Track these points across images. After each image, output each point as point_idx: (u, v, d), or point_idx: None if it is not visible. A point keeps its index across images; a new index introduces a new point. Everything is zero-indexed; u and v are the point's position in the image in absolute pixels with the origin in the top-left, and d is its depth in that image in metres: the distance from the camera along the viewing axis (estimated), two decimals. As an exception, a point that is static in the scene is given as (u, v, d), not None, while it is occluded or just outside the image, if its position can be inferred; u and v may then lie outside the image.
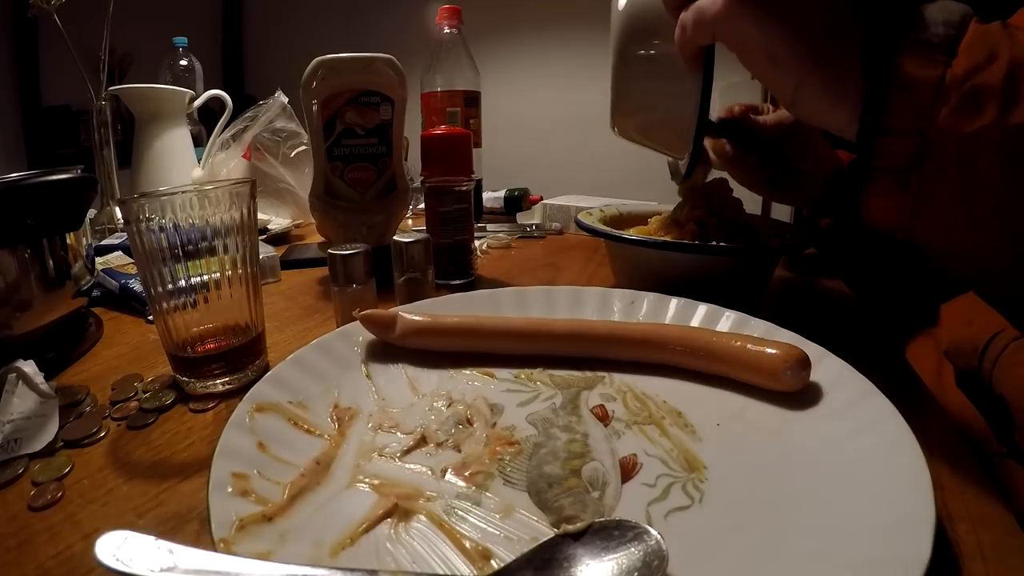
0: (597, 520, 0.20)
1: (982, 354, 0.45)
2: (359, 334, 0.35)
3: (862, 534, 0.19)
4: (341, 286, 0.40)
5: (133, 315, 0.47)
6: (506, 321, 0.35)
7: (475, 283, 0.54)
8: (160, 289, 0.31)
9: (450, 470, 0.24)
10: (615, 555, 0.18)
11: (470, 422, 0.28)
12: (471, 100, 0.81)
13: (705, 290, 0.38)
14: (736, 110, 0.49)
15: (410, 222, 0.88)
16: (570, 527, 0.19)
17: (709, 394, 0.30)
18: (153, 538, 0.17)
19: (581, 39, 1.47)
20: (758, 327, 0.34)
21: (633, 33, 0.38)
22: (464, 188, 0.52)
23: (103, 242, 0.63)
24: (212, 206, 0.30)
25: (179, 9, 1.78)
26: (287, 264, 0.61)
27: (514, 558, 0.19)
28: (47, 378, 0.31)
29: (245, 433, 0.25)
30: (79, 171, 0.38)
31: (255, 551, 0.19)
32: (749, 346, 0.30)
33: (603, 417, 0.28)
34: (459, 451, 0.26)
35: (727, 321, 0.35)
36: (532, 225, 0.83)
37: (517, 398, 0.30)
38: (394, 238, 0.44)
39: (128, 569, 0.16)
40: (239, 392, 0.31)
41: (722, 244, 0.42)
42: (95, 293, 0.48)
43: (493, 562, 0.19)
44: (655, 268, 0.45)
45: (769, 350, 0.29)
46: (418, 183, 0.60)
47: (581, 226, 0.49)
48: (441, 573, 0.19)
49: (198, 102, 0.84)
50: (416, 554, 0.20)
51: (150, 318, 0.43)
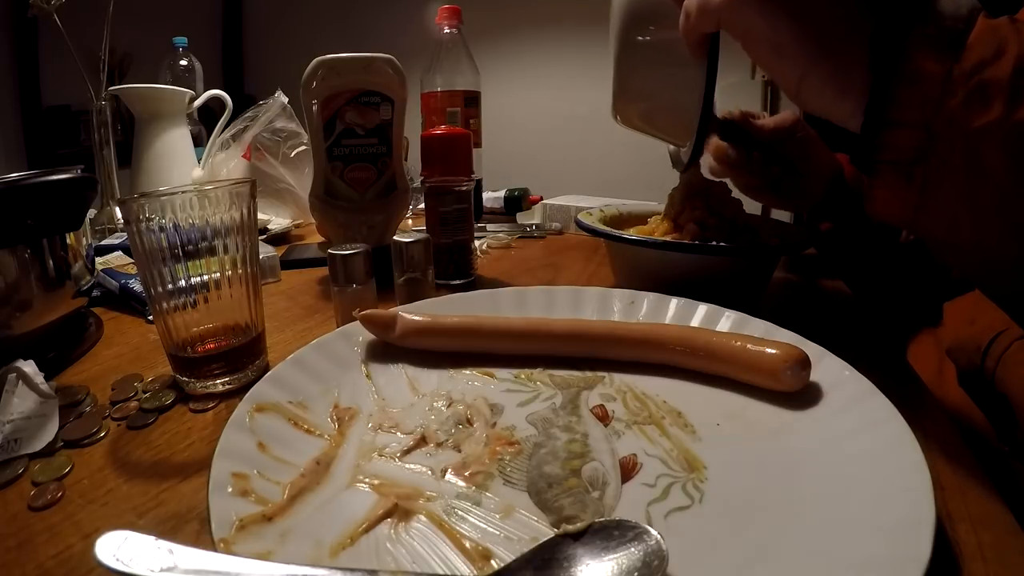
0: (597, 520, 0.20)
1: (985, 353, 0.45)
2: (359, 334, 0.35)
3: (862, 534, 0.19)
4: (341, 286, 0.40)
5: (133, 315, 0.47)
6: (506, 321, 0.35)
7: (475, 283, 0.54)
8: (160, 289, 0.31)
9: (450, 470, 0.24)
10: (615, 555, 0.18)
11: (470, 422, 0.28)
12: (471, 100, 0.81)
13: (705, 290, 0.38)
14: (736, 113, 0.49)
15: (410, 222, 0.88)
16: (570, 527, 0.19)
17: (709, 394, 0.30)
18: (153, 538, 0.17)
19: (581, 39, 1.47)
20: (758, 327, 0.34)
21: (635, 18, 0.37)
22: (464, 188, 0.52)
23: (103, 242, 0.63)
24: (212, 206, 0.30)
25: (179, 9, 1.78)
26: (287, 264, 0.61)
27: (514, 558, 0.19)
28: (47, 378, 0.31)
29: (245, 433, 0.25)
30: (79, 171, 0.38)
31: (255, 551, 0.19)
32: (749, 346, 0.30)
33: (603, 417, 0.28)
34: (459, 451, 0.26)
35: (727, 321, 0.35)
36: (532, 225, 0.83)
37: (517, 398, 0.30)
38: (394, 238, 0.44)
39: (128, 569, 0.16)
40: (239, 392, 0.31)
41: (722, 244, 0.42)
42: (95, 293, 0.48)
43: (493, 562, 0.19)
44: (655, 268, 0.45)
45: (769, 350, 0.29)
46: (418, 183, 0.60)
47: (581, 226, 0.49)
48: (441, 573, 0.19)
49: (198, 102, 0.84)
50: (416, 554, 0.20)
51: (150, 318, 0.43)
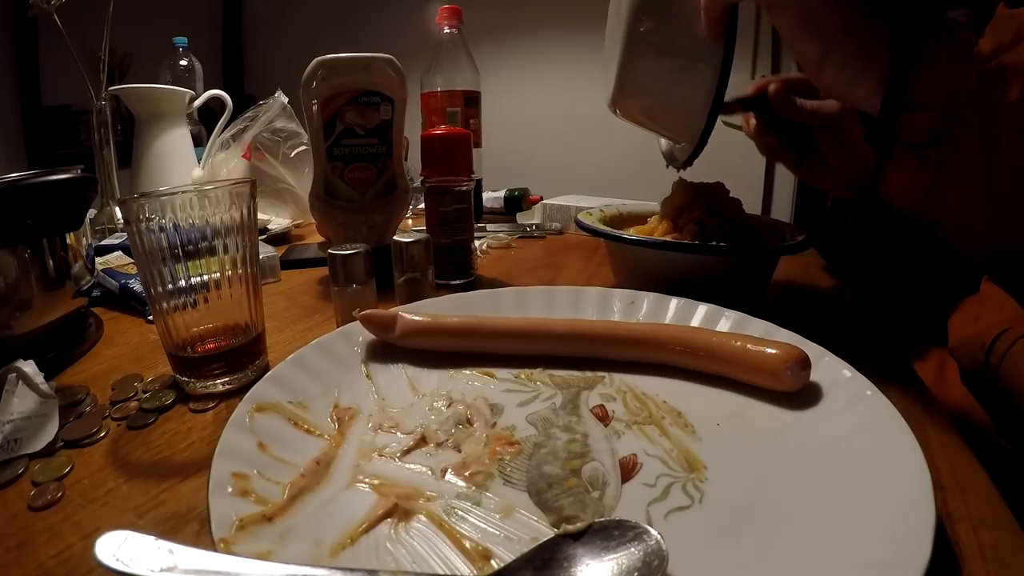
0: (597, 520, 0.20)
1: (989, 350, 0.45)
2: (359, 334, 0.35)
3: (862, 534, 0.19)
4: (341, 286, 0.40)
5: (133, 315, 0.47)
6: (506, 321, 0.35)
7: (475, 283, 0.54)
8: (160, 289, 0.31)
9: (450, 470, 0.24)
10: (615, 555, 0.18)
11: (470, 422, 0.28)
12: (471, 100, 0.81)
13: (705, 290, 0.38)
14: (772, 88, 0.44)
15: (410, 222, 0.88)
16: (570, 527, 0.19)
17: (709, 394, 0.30)
18: (153, 538, 0.17)
19: (581, 39, 1.47)
20: (758, 327, 0.34)
21: (644, 7, 0.35)
22: (464, 188, 0.52)
23: (103, 242, 0.63)
24: (212, 206, 0.30)
25: (179, 9, 1.77)
26: (287, 264, 0.61)
27: (514, 558, 0.19)
28: (47, 378, 0.31)
29: (245, 433, 0.25)
30: (79, 171, 0.38)
31: (255, 551, 0.19)
32: (749, 346, 0.30)
33: (603, 417, 0.28)
34: (459, 451, 0.26)
35: (727, 321, 0.35)
36: (532, 225, 0.83)
37: (517, 398, 0.30)
38: (394, 238, 0.44)
39: (128, 569, 0.16)
40: (239, 392, 0.31)
41: (722, 244, 0.42)
42: (95, 293, 0.48)
43: (493, 562, 0.19)
44: (655, 268, 0.45)
45: (769, 350, 0.29)
46: (418, 183, 0.60)
47: (581, 226, 0.49)
48: (441, 573, 0.19)
49: (198, 102, 0.84)
50: (416, 554, 0.20)
51: (150, 318, 0.43)
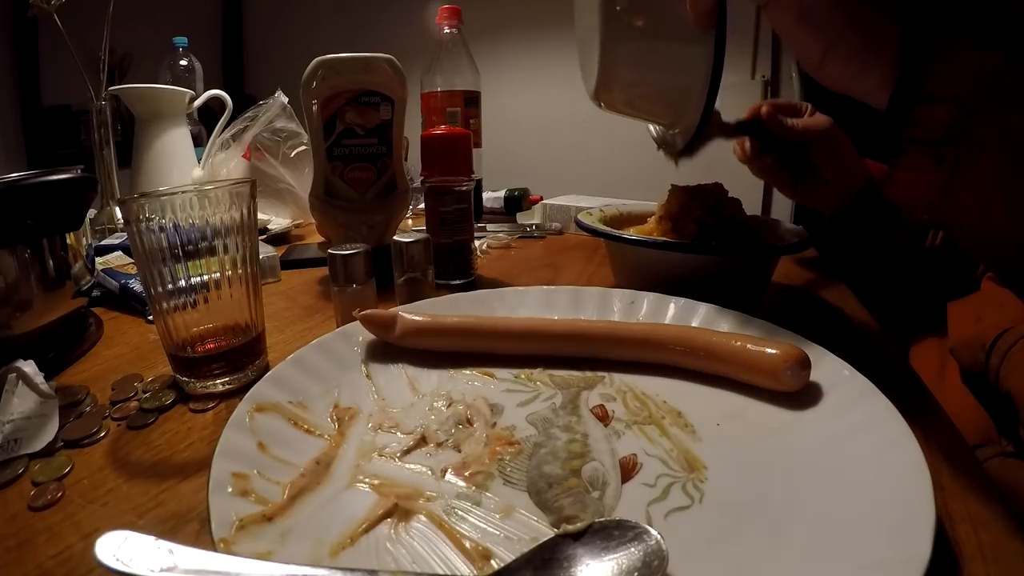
0: (597, 520, 0.20)
1: (990, 350, 0.45)
2: (359, 334, 0.35)
3: (862, 534, 0.19)
4: (341, 286, 0.40)
5: (133, 315, 0.47)
6: (506, 321, 0.35)
7: (475, 283, 0.54)
8: (160, 289, 0.31)
9: (450, 470, 0.24)
10: (615, 555, 0.18)
11: (470, 422, 0.28)
12: (471, 100, 0.81)
13: (705, 290, 0.38)
14: (764, 110, 0.45)
15: (410, 222, 0.88)
16: (570, 527, 0.19)
17: (709, 394, 0.30)
18: (153, 538, 0.17)
19: (581, 39, 1.47)
20: (758, 327, 0.34)
21: None
22: (464, 188, 0.52)
23: (103, 242, 0.63)
24: (212, 206, 0.30)
25: (179, 9, 1.77)
26: (287, 264, 0.61)
27: (514, 558, 0.19)
28: (47, 378, 0.31)
29: (245, 433, 0.25)
30: (79, 171, 0.38)
31: (255, 551, 0.19)
32: (749, 346, 0.30)
33: (603, 417, 0.28)
34: (459, 451, 0.26)
35: (727, 321, 0.35)
36: (532, 225, 0.83)
37: (517, 398, 0.30)
38: (394, 238, 0.44)
39: (128, 569, 0.16)
40: (239, 392, 0.31)
41: (722, 244, 0.42)
42: (95, 293, 0.48)
43: (493, 562, 0.19)
44: (655, 268, 0.44)
45: (769, 350, 0.29)
46: (418, 183, 0.60)
47: (581, 226, 0.49)
48: (441, 573, 0.19)
49: (198, 102, 0.84)
50: (416, 554, 0.20)
51: (150, 318, 0.43)
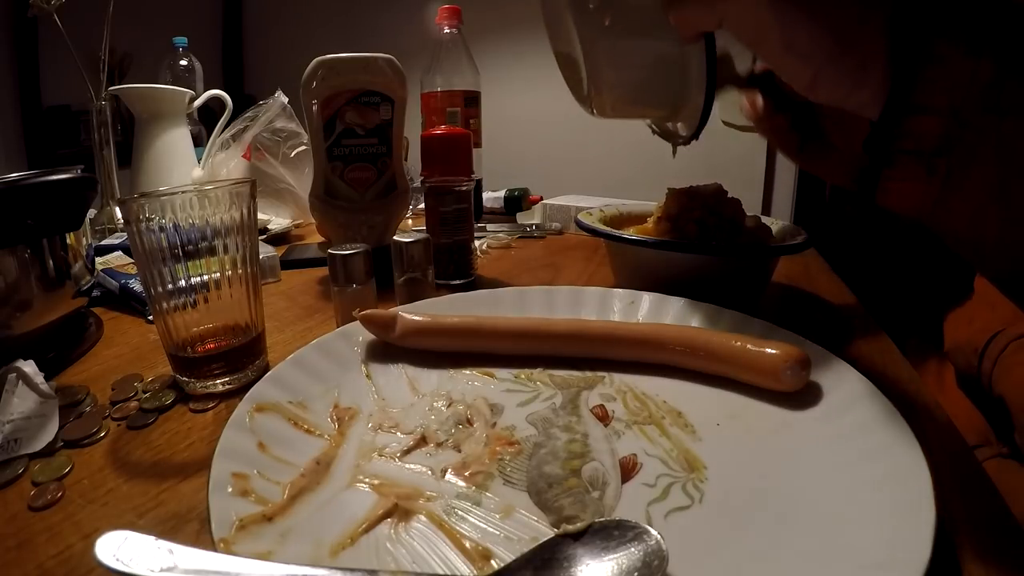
0: (597, 520, 0.20)
1: (982, 354, 0.45)
2: (359, 334, 0.35)
3: (862, 534, 0.19)
4: (341, 286, 0.40)
5: (133, 315, 0.47)
6: (506, 321, 0.35)
7: (475, 283, 0.54)
8: (160, 289, 0.31)
9: (450, 470, 0.24)
10: (615, 555, 0.18)
11: (470, 422, 0.28)
12: (471, 100, 0.81)
13: (705, 290, 0.38)
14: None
15: (410, 222, 0.88)
16: (570, 527, 0.19)
17: (709, 394, 0.30)
18: (153, 538, 0.17)
19: (581, 39, 1.47)
20: (758, 327, 0.34)
21: None
22: (464, 188, 0.52)
23: (103, 242, 0.63)
24: (212, 206, 0.30)
25: (179, 9, 1.77)
26: (287, 264, 0.61)
27: (514, 558, 0.19)
28: (47, 378, 0.31)
29: (245, 433, 0.25)
30: (79, 171, 0.38)
31: (255, 551, 0.19)
32: (749, 346, 0.30)
33: (603, 417, 0.28)
34: (459, 451, 0.26)
35: (727, 321, 0.35)
36: (532, 225, 0.83)
37: (517, 398, 0.30)
38: (394, 238, 0.44)
39: (128, 569, 0.16)
40: (239, 392, 0.31)
41: (722, 244, 0.42)
42: (95, 293, 0.48)
43: (493, 562, 0.19)
44: (655, 268, 0.44)
45: (769, 350, 0.29)
46: (418, 183, 0.60)
47: (581, 226, 0.49)
48: (441, 573, 0.19)
49: (198, 102, 0.85)
50: (416, 554, 0.20)
51: (150, 318, 0.43)
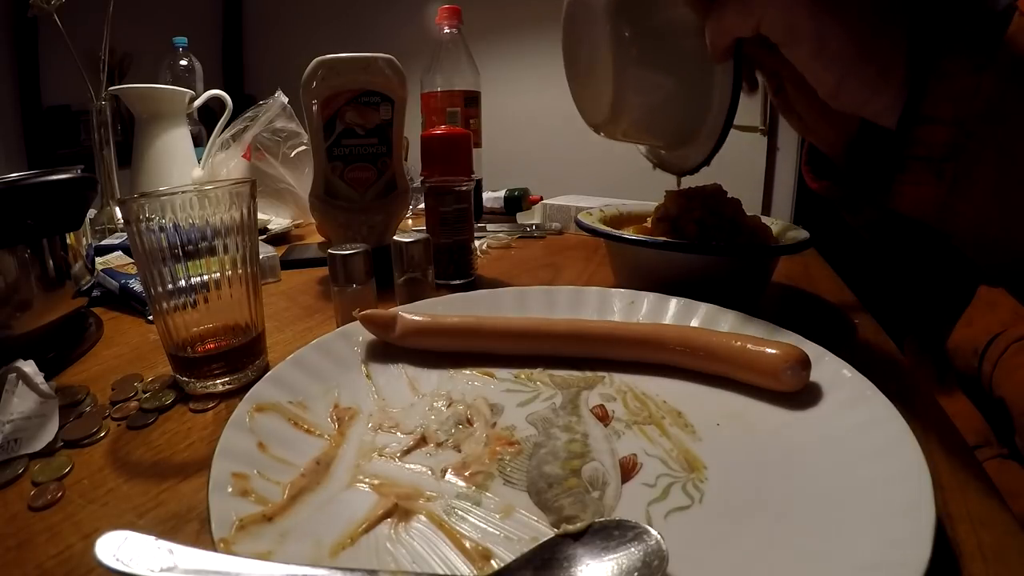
0: (597, 520, 0.20)
1: (982, 356, 0.45)
2: (359, 334, 0.35)
3: (862, 534, 0.19)
4: (341, 286, 0.40)
5: (133, 315, 0.47)
6: (506, 321, 0.35)
7: (475, 283, 0.54)
8: (160, 289, 0.31)
9: (450, 470, 0.24)
10: (615, 555, 0.18)
11: (470, 422, 0.28)
12: (471, 100, 0.81)
13: (705, 290, 0.38)
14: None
15: (410, 222, 0.88)
16: (570, 527, 0.19)
17: (709, 394, 0.30)
18: (153, 538, 0.17)
19: (581, 39, 1.47)
20: (758, 327, 0.34)
21: (627, 10, 0.33)
22: (464, 188, 0.52)
23: (103, 242, 0.63)
24: (212, 206, 0.30)
25: (179, 9, 1.78)
26: (287, 264, 0.61)
27: (514, 558, 0.19)
28: (47, 378, 0.31)
29: (245, 433, 0.25)
30: (79, 171, 0.38)
31: (255, 551, 0.19)
32: (749, 346, 0.29)
33: (603, 417, 0.28)
34: (459, 451, 0.26)
35: (727, 321, 0.35)
36: (532, 225, 0.83)
37: (517, 398, 0.30)
38: (394, 238, 0.44)
39: (128, 569, 0.16)
40: (239, 392, 0.31)
41: (722, 244, 0.42)
42: (95, 293, 0.48)
43: (493, 562, 0.19)
44: (655, 268, 0.44)
45: (769, 350, 0.29)
46: (418, 183, 0.60)
47: (581, 226, 0.49)
48: (441, 573, 0.19)
49: (198, 102, 0.85)
50: (416, 554, 0.20)
51: (150, 318, 0.43)
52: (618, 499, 0.22)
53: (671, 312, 0.38)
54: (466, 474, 0.24)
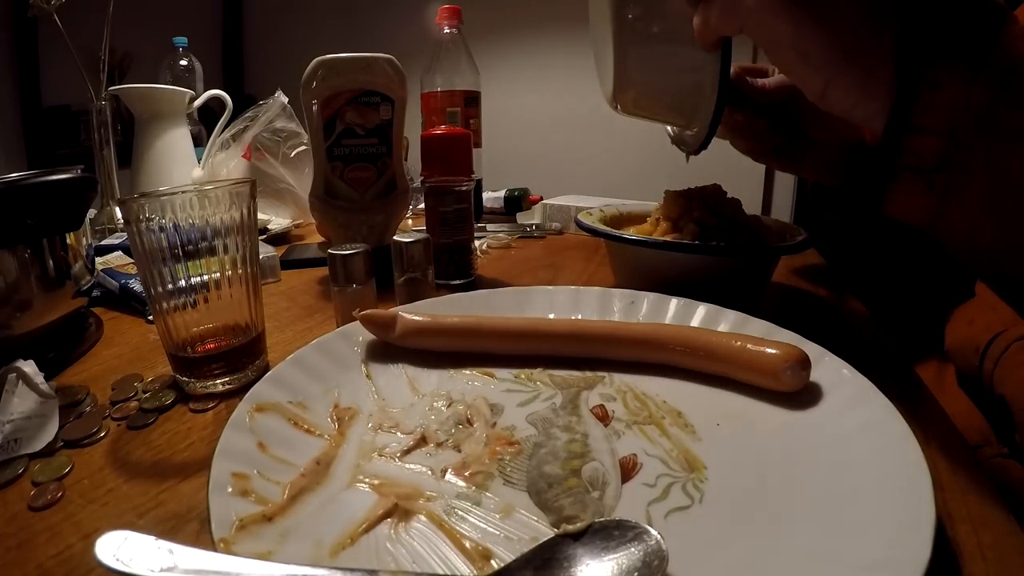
0: (597, 520, 0.20)
1: (983, 354, 0.45)
2: (359, 334, 0.35)
3: (862, 534, 0.19)
4: (341, 286, 0.40)
5: (133, 315, 0.47)
6: (506, 321, 0.35)
7: (475, 283, 0.54)
8: (160, 289, 0.31)
9: (450, 470, 0.24)
10: (615, 555, 0.18)
11: (470, 422, 0.28)
12: (471, 100, 0.81)
13: (705, 290, 0.38)
14: (731, 71, 0.42)
15: (410, 222, 0.88)
16: (570, 527, 0.19)
17: (709, 394, 0.30)
18: (153, 538, 0.17)
19: (581, 39, 1.47)
20: (758, 327, 0.34)
21: None
22: (464, 188, 0.52)
23: (103, 242, 0.63)
24: (212, 206, 0.30)
25: (179, 9, 1.78)
26: (287, 264, 0.61)
27: (514, 558, 0.19)
28: (47, 378, 0.31)
29: (245, 433, 0.25)
30: (79, 171, 0.38)
31: (255, 551, 0.19)
32: (749, 346, 0.30)
33: (603, 417, 0.28)
34: (459, 451, 0.26)
35: (727, 321, 0.35)
36: (532, 225, 0.83)
37: (517, 398, 0.30)
38: (394, 238, 0.44)
39: (128, 569, 0.16)
40: (239, 392, 0.31)
41: (722, 244, 0.42)
42: (95, 293, 0.48)
43: (493, 562, 0.19)
44: (655, 268, 0.44)
45: (769, 350, 0.29)
46: (418, 183, 0.60)
47: (581, 226, 0.49)
48: (441, 573, 0.19)
49: (198, 102, 0.85)
50: (416, 554, 0.20)
51: (150, 318, 0.43)
52: (618, 499, 0.22)
53: (671, 312, 0.38)
54: (466, 474, 0.24)
